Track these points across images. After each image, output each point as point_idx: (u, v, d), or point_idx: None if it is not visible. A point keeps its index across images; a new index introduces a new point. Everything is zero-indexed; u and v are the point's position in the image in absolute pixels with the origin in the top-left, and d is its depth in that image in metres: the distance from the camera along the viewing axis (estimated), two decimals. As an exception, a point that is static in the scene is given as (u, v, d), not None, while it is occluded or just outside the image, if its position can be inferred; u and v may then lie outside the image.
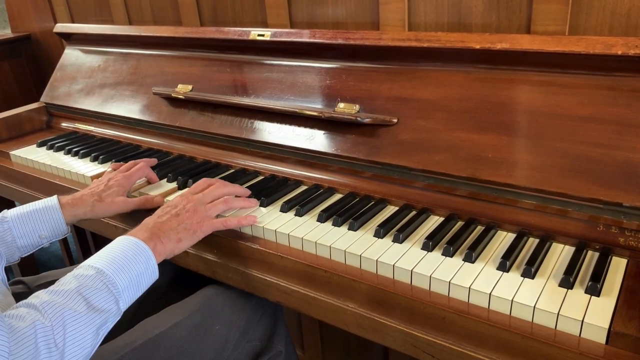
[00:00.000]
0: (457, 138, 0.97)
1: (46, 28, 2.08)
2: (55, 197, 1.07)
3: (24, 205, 1.05)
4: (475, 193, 0.96)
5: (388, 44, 1.07)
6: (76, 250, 2.23)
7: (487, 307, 0.76)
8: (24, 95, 2.29)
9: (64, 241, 2.19)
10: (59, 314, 0.72)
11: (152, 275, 0.86)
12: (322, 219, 0.99)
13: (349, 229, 0.96)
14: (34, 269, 2.05)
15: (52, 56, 2.13)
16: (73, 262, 2.23)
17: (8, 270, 2.21)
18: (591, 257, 0.83)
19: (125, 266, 0.82)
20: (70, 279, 0.78)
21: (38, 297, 0.75)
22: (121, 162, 1.26)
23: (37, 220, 1.03)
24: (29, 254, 1.06)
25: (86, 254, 2.20)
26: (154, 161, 1.29)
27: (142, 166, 1.19)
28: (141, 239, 0.87)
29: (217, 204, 1.00)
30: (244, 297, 1.05)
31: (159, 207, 1.12)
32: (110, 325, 0.80)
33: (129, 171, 1.17)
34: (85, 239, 2.18)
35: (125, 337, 0.94)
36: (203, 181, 1.07)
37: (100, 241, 2.11)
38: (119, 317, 0.81)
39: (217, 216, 1.01)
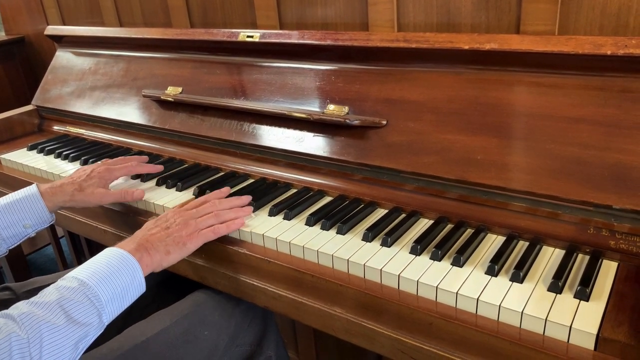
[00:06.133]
0: (447, 140, 0.96)
1: (39, 30, 2.07)
2: (34, 185, 1.08)
3: (4, 197, 1.05)
4: (465, 195, 0.94)
5: (377, 45, 1.05)
6: (70, 254, 2.22)
7: (474, 312, 0.75)
8: (18, 98, 2.28)
9: (57, 244, 2.18)
10: (36, 326, 0.70)
11: (138, 287, 0.84)
12: (310, 222, 0.98)
13: (337, 233, 0.94)
14: (26, 273, 2.04)
15: (46, 58, 2.12)
16: (67, 265, 2.22)
17: (1, 274, 2.20)
18: (581, 261, 0.82)
19: (109, 278, 0.79)
20: (52, 291, 0.77)
21: (17, 309, 0.73)
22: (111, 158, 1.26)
23: (19, 210, 1.03)
24: (16, 244, 1.06)
25: (79, 257, 2.19)
26: (144, 158, 1.29)
27: (129, 166, 1.19)
28: (127, 251, 0.85)
29: (207, 218, 0.98)
30: (233, 301, 1.04)
31: (139, 199, 1.13)
32: (91, 339, 0.77)
33: (114, 166, 1.17)
34: (79, 242, 2.17)
35: (111, 344, 0.93)
36: (199, 199, 1.05)
37: (94, 244, 2.10)
38: (102, 331, 0.79)
39: None
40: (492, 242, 0.89)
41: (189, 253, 0.93)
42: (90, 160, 1.38)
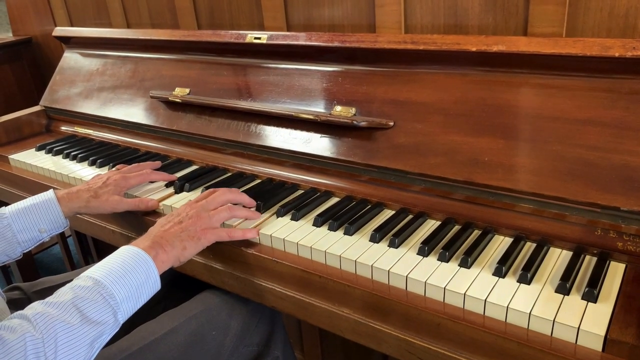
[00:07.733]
0: (454, 141, 0.96)
1: (47, 31, 2.08)
2: (51, 191, 1.09)
3: (22, 201, 1.06)
4: (472, 197, 0.95)
5: (384, 47, 1.06)
6: (77, 253, 2.24)
7: (482, 313, 0.75)
8: (26, 98, 2.29)
9: (65, 244, 2.19)
10: (51, 326, 0.71)
11: (153, 285, 0.84)
12: (318, 223, 0.99)
13: (344, 234, 0.95)
14: (34, 273, 2.05)
15: (53, 59, 2.13)
16: (74, 265, 2.24)
17: (9, 274, 2.21)
18: (589, 262, 0.82)
19: (124, 276, 0.80)
20: (67, 290, 0.77)
21: (32, 309, 0.74)
22: (125, 165, 1.27)
23: (36, 215, 1.04)
24: (30, 248, 1.07)
25: (86, 257, 2.21)
26: (157, 164, 1.30)
27: (144, 174, 1.20)
28: (142, 248, 0.85)
29: (221, 211, 0.98)
30: (241, 301, 1.05)
31: (153, 210, 1.13)
32: (107, 338, 0.78)
33: (130, 174, 1.18)
34: (86, 242, 2.18)
35: (120, 343, 0.94)
36: (207, 192, 1.05)
37: (101, 244, 2.11)
38: (117, 329, 0.79)
39: (222, 225, 1.00)
40: (500, 244, 0.89)
41: (203, 248, 0.94)
42: (99, 161, 1.39)
